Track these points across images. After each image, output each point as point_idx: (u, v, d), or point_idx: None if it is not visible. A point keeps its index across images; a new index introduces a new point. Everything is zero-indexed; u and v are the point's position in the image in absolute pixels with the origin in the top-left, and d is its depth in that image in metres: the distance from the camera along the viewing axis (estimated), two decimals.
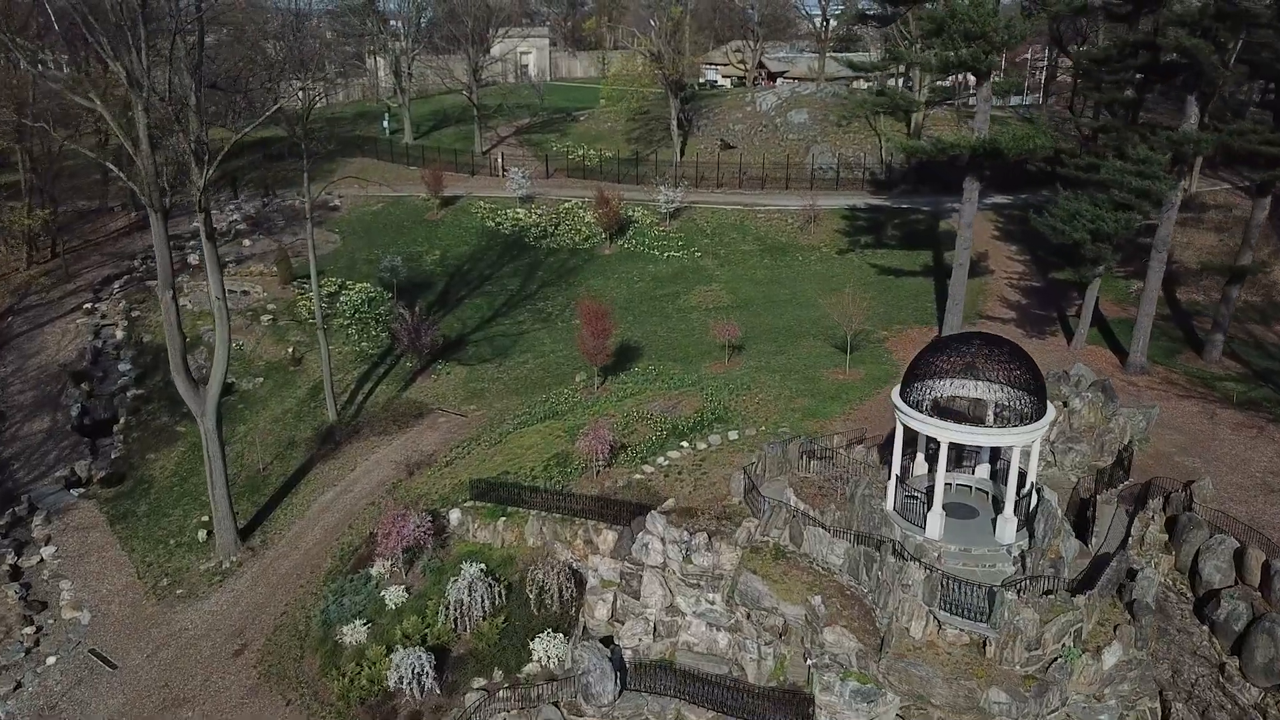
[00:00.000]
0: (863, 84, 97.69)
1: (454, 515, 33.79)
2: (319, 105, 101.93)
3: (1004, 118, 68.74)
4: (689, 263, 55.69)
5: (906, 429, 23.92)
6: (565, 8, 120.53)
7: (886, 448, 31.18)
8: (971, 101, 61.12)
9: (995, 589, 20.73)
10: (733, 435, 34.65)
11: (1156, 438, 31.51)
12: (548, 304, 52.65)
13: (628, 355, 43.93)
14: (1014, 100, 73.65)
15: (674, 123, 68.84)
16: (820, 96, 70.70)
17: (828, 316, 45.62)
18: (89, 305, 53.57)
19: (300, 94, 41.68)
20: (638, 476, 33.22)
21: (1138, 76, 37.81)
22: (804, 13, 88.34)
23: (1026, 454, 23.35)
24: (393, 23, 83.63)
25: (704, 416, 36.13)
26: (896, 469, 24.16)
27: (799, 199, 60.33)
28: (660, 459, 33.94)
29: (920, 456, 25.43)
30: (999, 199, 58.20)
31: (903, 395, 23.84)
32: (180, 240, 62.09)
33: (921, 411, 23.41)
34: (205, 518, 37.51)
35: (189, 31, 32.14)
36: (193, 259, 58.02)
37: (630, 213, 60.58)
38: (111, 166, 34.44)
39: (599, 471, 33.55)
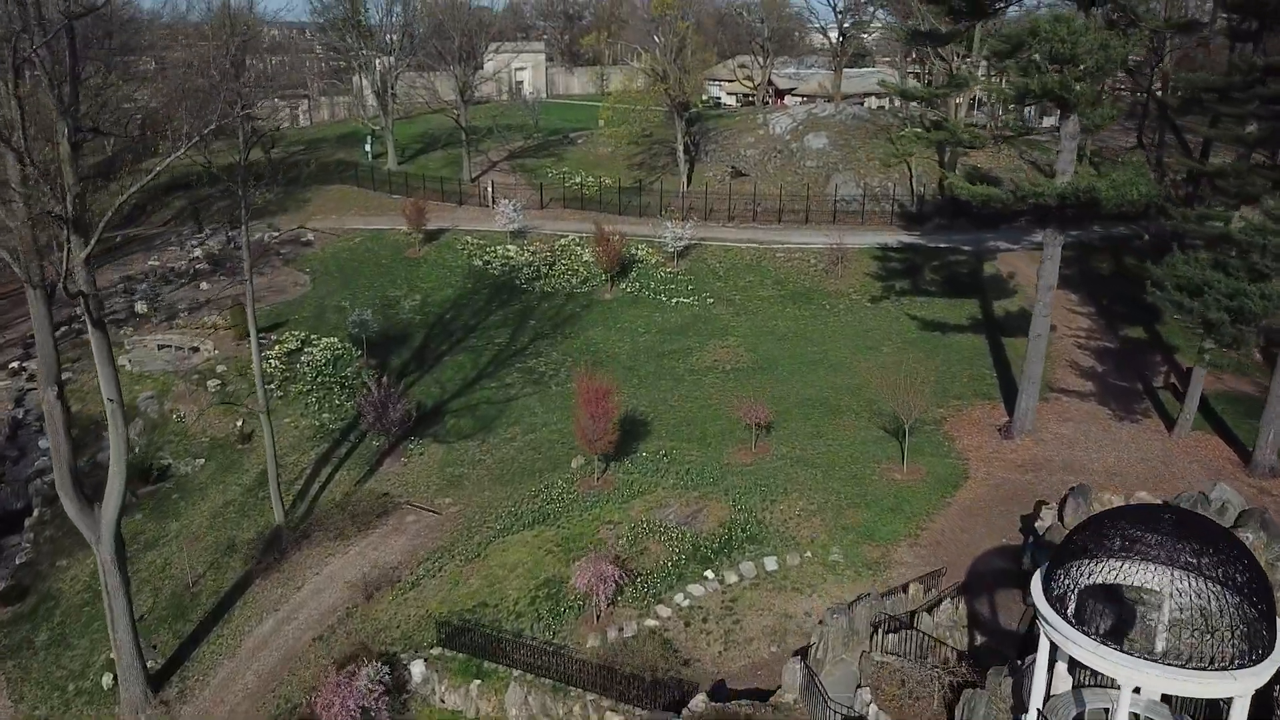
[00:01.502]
0: (874, 101, 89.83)
1: (416, 669, 25.75)
2: (300, 126, 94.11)
3: (1046, 144, 60.57)
4: (700, 311, 47.66)
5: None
6: (562, 22, 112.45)
7: (975, 594, 23.25)
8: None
9: None
10: (770, 564, 26.67)
11: None
12: (540, 361, 44.57)
13: (633, 432, 35.91)
14: (1048, 123, 65.77)
15: (680, 148, 60.87)
16: (840, 119, 62.71)
17: (867, 384, 37.63)
18: (16, 365, 45.42)
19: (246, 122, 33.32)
20: (650, 623, 25.28)
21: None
22: (818, 26, 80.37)
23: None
24: (388, 36, 75.53)
25: (732, 532, 28.17)
26: (1039, 700, 16.08)
27: (821, 235, 52.32)
28: (679, 596, 26.02)
29: (1061, 666, 17.40)
30: None
31: (1046, 585, 15.81)
32: (131, 282, 54.17)
33: (1065, 610, 15.38)
34: (114, 654, 29.37)
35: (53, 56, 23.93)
36: (140, 307, 49.91)
37: (633, 251, 52.56)
38: None
39: (600, 615, 25.59)
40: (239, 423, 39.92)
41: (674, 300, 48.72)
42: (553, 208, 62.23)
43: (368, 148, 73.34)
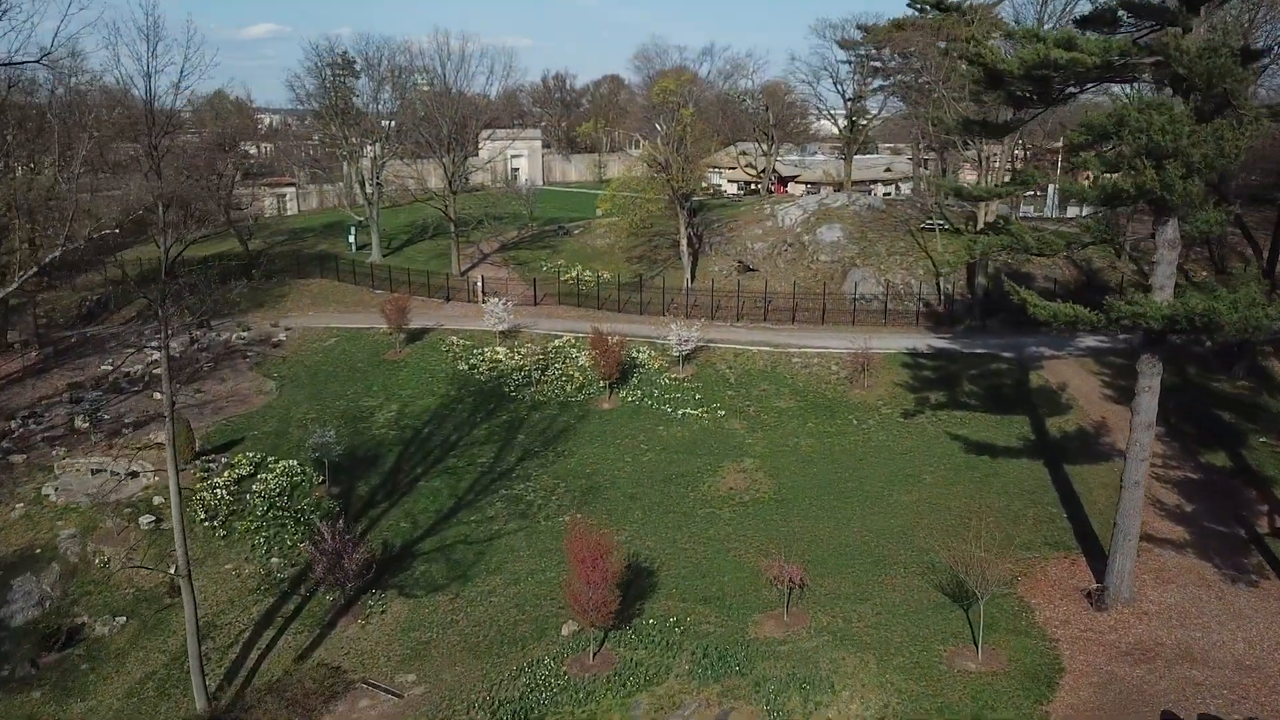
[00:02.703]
0: (881, 189, 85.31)
1: None
2: (288, 214, 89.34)
3: (1068, 232, 54.96)
4: (711, 425, 41.39)
5: None
6: (559, 109, 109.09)
7: None
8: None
9: None
10: None
11: None
12: (528, 487, 38.04)
13: (637, 584, 29.39)
14: (1070, 211, 60.84)
15: (683, 241, 55.49)
16: (855, 209, 57.54)
17: (915, 527, 31.30)
18: None
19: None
20: None
21: None
22: (826, 111, 76.10)
23: None
24: (384, 123, 71.05)
25: None
26: None
27: (841, 338, 46.53)
28: None
29: None
30: (1094, 340, 44.50)
31: None
32: (79, 390, 47.81)
33: None
34: None
35: None
36: (81, 422, 43.49)
37: (634, 354, 46.64)
38: None
39: None
40: (171, 571, 33.14)
41: (680, 412, 42.51)
42: (547, 304, 56.64)
43: (351, 239, 68.15)
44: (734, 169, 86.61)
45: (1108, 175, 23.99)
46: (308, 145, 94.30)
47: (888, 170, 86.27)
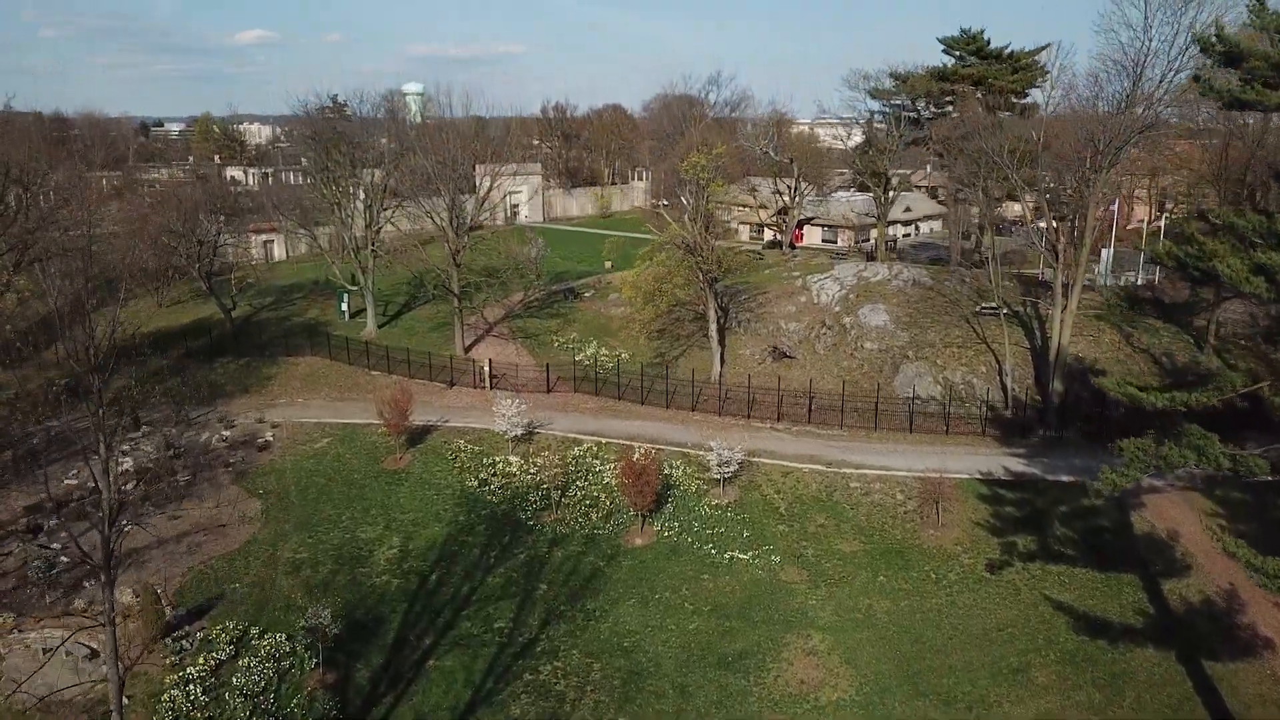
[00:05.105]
0: (901, 229, 78.36)
1: None
2: (274, 261, 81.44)
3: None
4: (764, 574, 34.67)
5: None
6: (559, 141, 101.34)
7: None
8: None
9: None
10: None
11: None
12: (555, 669, 31.07)
13: None
14: (1124, 277, 54.32)
15: (713, 327, 48.51)
16: (898, 285, 50.67)
17: None
18: None
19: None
20: None
21: None
22: (858, 168, 68.75)
23: None
24: (379, 153, 63.36)
25: None
26: None
27: (901, 453, 40.02)
28: None
29: None
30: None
31: None
32: (37, 515, 40.52)
33: None
34: None
35: None
36: (34, 572, 36.17)
37: (668, 469, 39.88)
38: None
39: None
40: None
41: (727, 554, 35.74)
42: (561, 390, 49.69)
43: (344, 306, 60.85)
44: (747, 207, 79.40)
45: None
46: (297, 172, 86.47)
47: (907, 210, 79.43)
